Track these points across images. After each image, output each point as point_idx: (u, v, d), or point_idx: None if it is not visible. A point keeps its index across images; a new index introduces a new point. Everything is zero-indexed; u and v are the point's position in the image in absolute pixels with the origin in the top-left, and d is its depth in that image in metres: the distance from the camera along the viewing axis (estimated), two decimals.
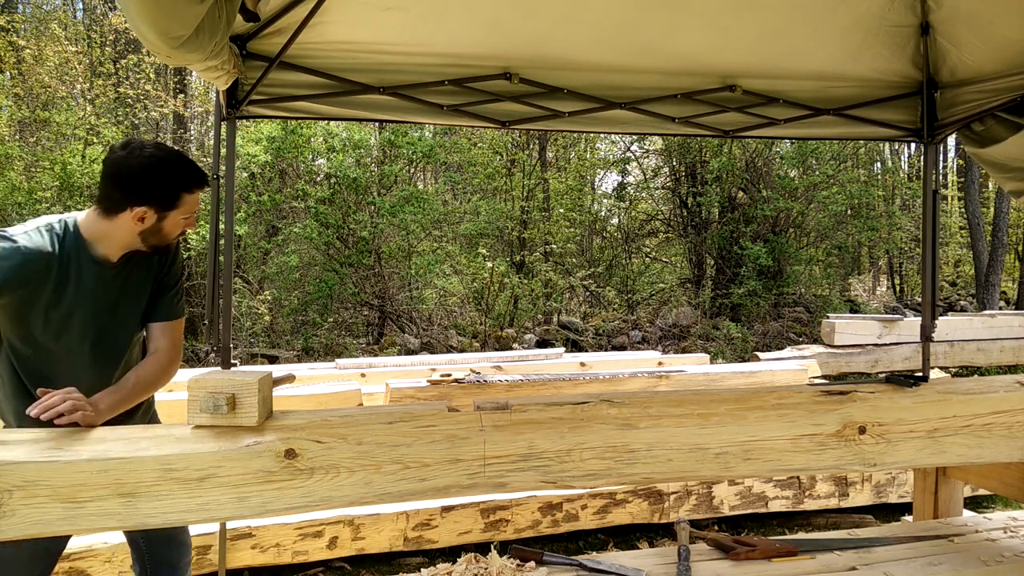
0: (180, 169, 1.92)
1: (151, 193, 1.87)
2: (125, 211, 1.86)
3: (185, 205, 1.94)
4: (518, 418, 1.74)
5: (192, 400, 1.58)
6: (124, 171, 1.84)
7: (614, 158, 12.77)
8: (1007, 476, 2.46)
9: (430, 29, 2.51)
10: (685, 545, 1.99)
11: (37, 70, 9.10)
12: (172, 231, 1.97)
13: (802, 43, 2.74)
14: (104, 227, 1.90)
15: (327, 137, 9.63)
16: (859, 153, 14.21)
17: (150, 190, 1.86)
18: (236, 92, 2.51)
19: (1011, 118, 2.64)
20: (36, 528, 1.45)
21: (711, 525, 3.82)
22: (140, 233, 1.92)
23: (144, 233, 1.92)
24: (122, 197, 1.85)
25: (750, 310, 10.63)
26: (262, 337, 9.50)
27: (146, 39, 1.53)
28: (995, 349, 7.89)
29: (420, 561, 3.41)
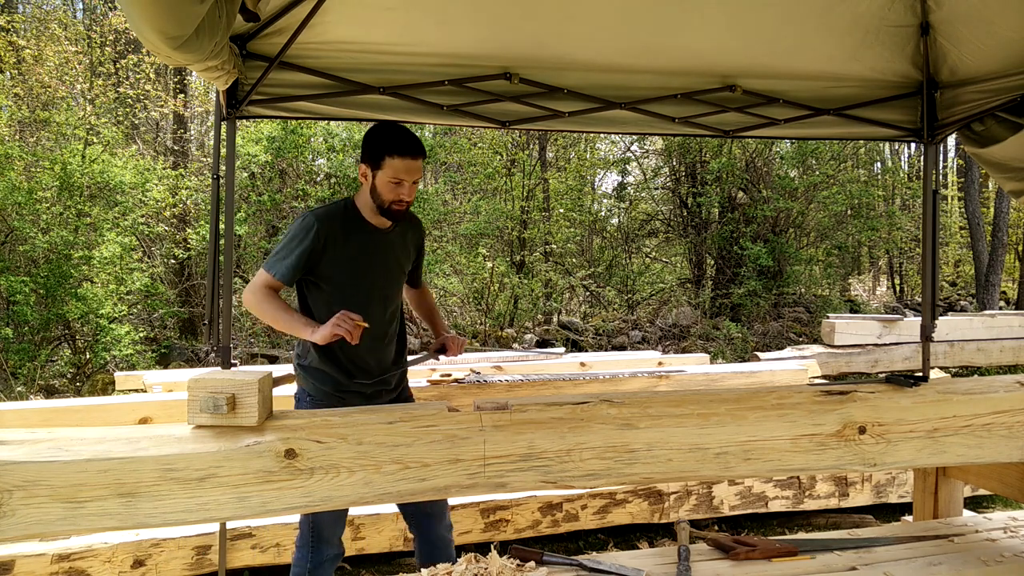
0: (389, 133, 2.25)
1: (367, 152, 2.26)
2: (360, 169, 2.30)
3: (390, 168, 2.21)
4: (518, 418, 1.74)
5: (192, 400, 1.58)
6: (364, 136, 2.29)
7: (614, 158, 12.76)
8: (1007, 476, 2.46)
9: (430, 29, 2.51)
10: (685, 545, 1.99)
11: (37, 70, 9.09)
12: (385, 194, 2.26)
13: (802, 43, 2.74)
14: (363, 194, 2.33)
15: (327, 137, 9.62)
16: (859, 153, 14.21)
17: (366, 149, 2.26)
18: (236, 92, 2.51)
19: (1011, 118, 2.64)
20: (36, 528, 1.45)
21: (711, 525, 3.82)
22: (369, 192, 2.28)
23: (372, 192, 2.27)
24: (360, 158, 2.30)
25: (750, 310, 10.63)
26: (262, 337, 9.50)
27: (146, 39, 1.52)
28: (995, 349, 7.89)
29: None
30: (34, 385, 7.07)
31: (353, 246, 2.32)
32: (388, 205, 2.27)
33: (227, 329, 2.56)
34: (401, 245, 2.46)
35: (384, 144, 2.22)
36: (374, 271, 2.36)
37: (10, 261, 7.82)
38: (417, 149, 2.23)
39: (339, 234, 2.30)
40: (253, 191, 9.46)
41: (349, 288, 2.33)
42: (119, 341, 7.58)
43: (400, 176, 2.22)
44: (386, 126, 2.31)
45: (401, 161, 2.20)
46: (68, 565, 2.81)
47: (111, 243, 7.82)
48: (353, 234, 2.33)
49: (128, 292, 8.37)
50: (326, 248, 2.28)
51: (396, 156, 2.20)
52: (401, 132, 2.26)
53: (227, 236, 2.53)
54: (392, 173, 2.22)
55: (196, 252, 9.16)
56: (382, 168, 2.22)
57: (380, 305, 2.39)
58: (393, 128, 2.29)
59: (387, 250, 2.40)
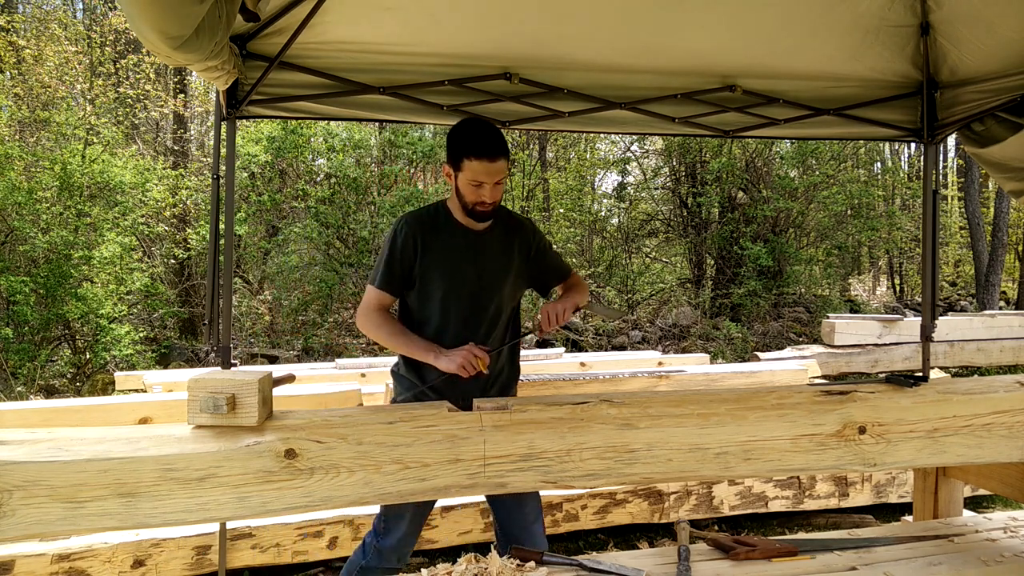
0: (466, 133, 2.16)
1: (448, 152, 2.19)
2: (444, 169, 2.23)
3: (469, 170, 2.13)
4: (518, 418, 1.74)
5: (192, 400, 1.58)
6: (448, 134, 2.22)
7: (614, 158, 12.76)
8: (1007, 476, 2.46)
9: (430, 29, 2.51)
10: (685, 545, 1.99)
11: (37, 70, 9.09)
12: (467, 195, 2.19)
13: (802, 43, 2.74)
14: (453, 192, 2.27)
15: (327, 137, 9.63)
16: (859, 153, 14.21)
17: (448, 149, 2.19)
18: (236, 92, 2.51)
19: (1011, 118, 2.63)
20: (36, 528, 1.45)
21: (711, 525, 3.82)
22: (456, 193, 2.22)
23: (456, 193, 2.22)
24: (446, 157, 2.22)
25: (750, 310, 10.63)
26: (262, 337, 9.50)
27: (146, 39, 1.52)
28: (995, 349, 7.89)
29: (420, 561, 3.40)
30: (34, 385, 7.07)
31: (444, 248, 2.26)
32: (472, 207, 2.20)
33: (227, 329, 2.56)
34: (501, 249, 2.34)
35: (462, 145, 2.14)
36: (466, 274, 2.28)
37: (10, 261, 7.82)
38: (496, 150, 2.13)
39: (430, 236, 2.26)
40: (253, 191, 9.47)
41: (439, 292, 2.27)
42: (119, 341, 7.58)
43: (479, 178, 2.14)
44: (465, 125, 2.21)
45: (479, 163, 2.11)
46: (68, 565, 2.80)
47: (111, 243, 7.82)
48: (444, 236, 2.27)
49: (128, 292, 8.38)
50: (417, 251, 2.25)
51: (474, 158, 2.12)
52: (479, 132, 2.16)
53: (227, 236, 2.53)
54: (471, 175, 2.14)
55: (196, 252, 9.16)
56: (462, 170, 2.15)
57: (473, 311, 2.30)
58: (471, 128, 2.19)
59: (481, 253, 2.30)
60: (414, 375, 2.35)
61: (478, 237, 2.31)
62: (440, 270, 2.26)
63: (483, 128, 2.18)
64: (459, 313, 2.27)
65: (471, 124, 2.21)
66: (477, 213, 2.22)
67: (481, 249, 2.30)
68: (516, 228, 2.41)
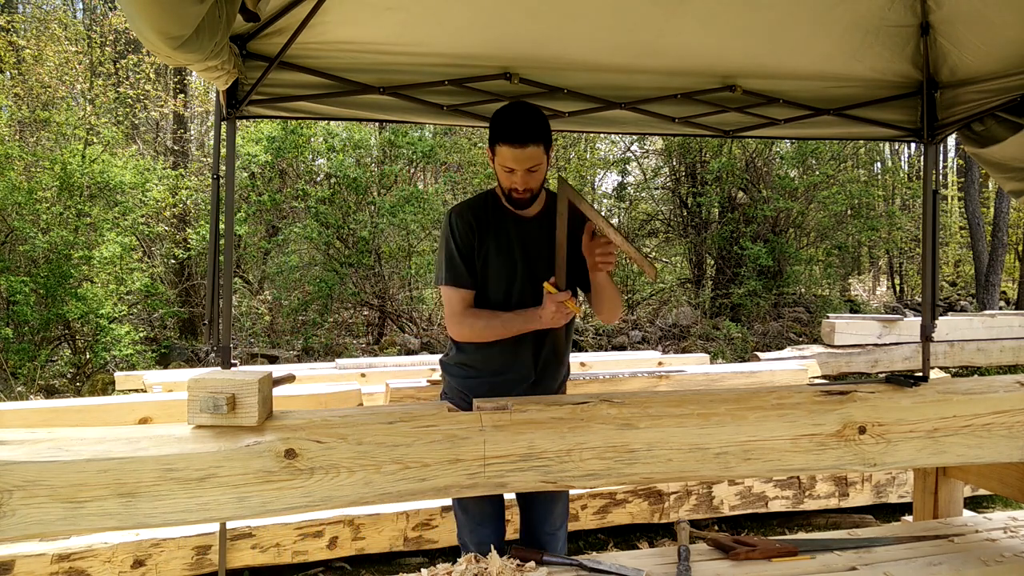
0: (499, 118, 2.09)
1: (490, 136, 2.13)
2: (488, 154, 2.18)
3: (500, 156, 2.08)
4: (518, 418, 1.74)
5: (192, 400, 1.58)
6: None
7: (614, 158, 12.76)
8: (1007, 476, 2.46)
9: (430, 29, 2.51)
10: (685, 545, 1.99)
11: (37, 70, 9.09)
12: (502, 181, 2.15)
13: (802, 43, 2.74)
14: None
15: (327, 137, 9.63)
16: (859, 153, 14.21)
17: (490, 134, 2.13)
18: (236, 92, 2.51)
19: (1011, 118, 2.63)
20: (36, 528, 1.45)
21: (711, 525, 3.82)
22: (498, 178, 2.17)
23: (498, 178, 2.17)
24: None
25: (750, 310, 10.63)
26: (262, 337, 9.50)
27: (146, 39, 1.52)
28: (995, 349, 7.89)
29: (420, 561, 3.41)
30: (34, 385, 7.07)
31: (496, 234, 2.23)
32: (508, 192, 2.16)
33: (227, 329, 2.56)
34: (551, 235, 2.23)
35: (496, 129, 2.08)
36: (518, 261, 2.23)
37: (10, 261, 7.82)
38: (526, 136, 2.03)
39: (482, 222, 2.23)
40: (253, 191, 9.47)
41: (493, 279, 2.23)
42: (119, 341, 7.59)
43: (509, 164, 2.07)
44: (504, 109, 2.11)
45: (509, 149, 2.04)
46: (68, 565, 2.81)
47: (111, 243, 7.82)
48: (493, 223, 2.23)
49: (128, 292, 8.38)
50: (475, 235, 2.21)
51: (504, 144, 2.05)
52: (511, 117, 2.07)
53: (227, 236, 2.53)
54: (502, 160, 2.08)
55: (196, 252, 9.16)
56: (496, 154, 2.10)
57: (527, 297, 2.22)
58: (505, 112, 2.10)
59: (530, 239, 2.24)
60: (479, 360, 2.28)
61: (527, 223, 2.25)
62: (494, 255, 2.23)
63: (518, 113, 2.09)
64: (515, 297, 2.23)
65: (509, 108, 2.12)
66: (513, 200, 2.17)
67: (531, 233, 2.25)
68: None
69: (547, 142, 2.10)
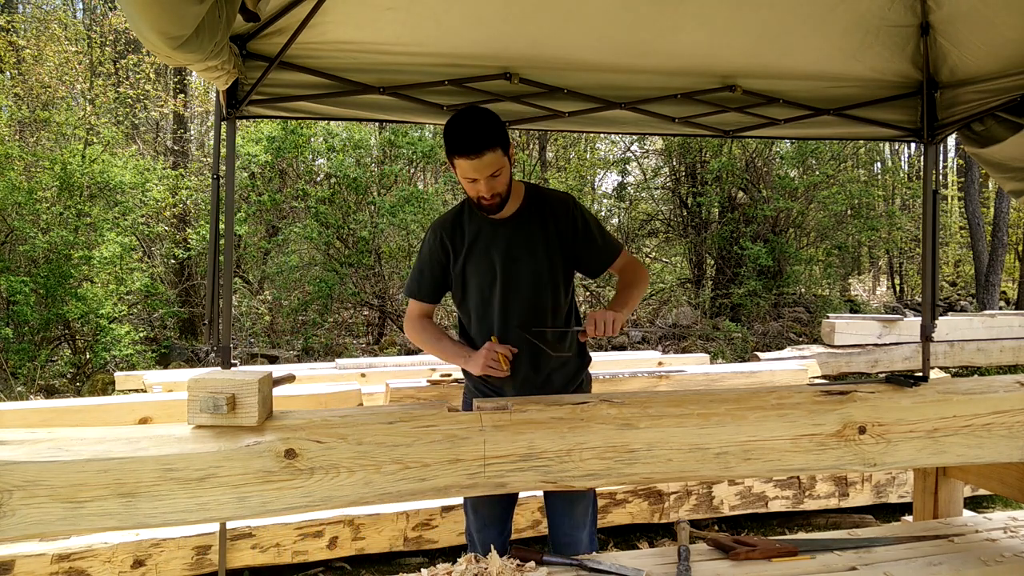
0: (451, 132, 2.05)
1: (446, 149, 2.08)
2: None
3: (459, 168, 2.07)
4: (518, 418, 1.74)
5: (192, 400, 1.58)
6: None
7: (614, 158, 12.76)
8: (1007, 476, 2.46)
9: (430, 29, 2.51)
10: (685, 545, 1.99)
11: (37, 70, 9.09)
12: (469, 190, 2.13)
13: (802, 43, 2.74)
14: None
15: (327, 137, 9.63)
16: (859, 153, 14.21)
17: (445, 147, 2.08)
18: (236, 92, 2.51)
19: (1011, 118, 2.63)
20: (36, 528, 1.45)
21: (711, 525, 3.82)
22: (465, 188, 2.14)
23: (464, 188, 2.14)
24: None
25: (750, 310, 10.63)
26: (262, 337, 9.50)
27: (146, 39, 1.52)
28: (995, 349, 7.89)
29: (420, 561, 3.41)
30: (34, 385, 7.07)
31: (471, 242, 2.25)
32: (476, 201, 2.15)
33: (227, 329, 2.56)
34: (530, 232, 2.23)
35: (448, 143, 2.06)
36: (495, 263, 2.23)
37: (10, 261, 7.82)
38: (479, 144, 2.00)
39: (455, 234, 2.25)
40: (253, 191, 9.47)
41: (473, 285, 2.26)
42: (119, 341, 7.59)
43: (470, 175, 2.06)
44: (450, 122, 2.07)
45: (466, 161, 2.02)
46: (68, 565, 2.81)
47: (111, 243, 7.82)
48: (469, 231, 2.25)
49: (128, 292, 8.38)
50: (448, 252, 2.26)
51: (459, 156, 2.03)
52: (456, 130, 2.04)
53: (227, 236, 2.53)
54: (463, 173, 2.07)
55: (196, 252, 9.16)
56: (455, 167, 2.08)
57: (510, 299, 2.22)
58: (454, 124, 2.06)
59: (507, 239, 2.22)
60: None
61: (503, 224, 2.23)
62: (471, 264, 2.25)
63: (465, 123, 2.04)
64: (497, 303, 2.24)
65: (457, 119, 2.07)
66: (482, 207, 2.16)
67: (507, 235, 2.23)
68: (549, 207, 2.27)
69: (504, 144, 2.07)
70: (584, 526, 2.37)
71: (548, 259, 2.25)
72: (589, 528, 2.38)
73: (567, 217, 2.28)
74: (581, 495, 2.36)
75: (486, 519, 2.36)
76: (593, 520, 2.40)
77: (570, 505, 2.35)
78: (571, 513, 2.35)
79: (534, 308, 2.26)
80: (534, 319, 2.25)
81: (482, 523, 2.36)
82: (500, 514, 2.38)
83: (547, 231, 2.25)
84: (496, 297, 2.24)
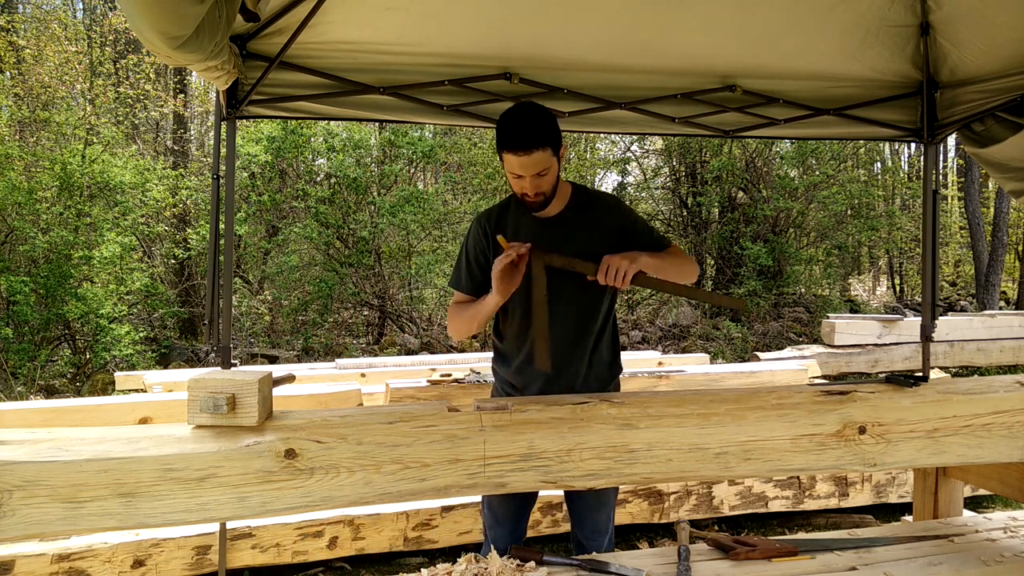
0: (503, 126, 2.03)
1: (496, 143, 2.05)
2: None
3: (507, 163, 2.04)
4: (518, 418, 1.74)
5: (192, 400, 1.58)
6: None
7: (614, 158, 12.76)
8: (1007, 476, 2.46)
9: (430, 29, 2.51)
10: (685, 545, 1.99)
11: (37, 70, 9.09)
12: (514, 186, 2.10)
13: (802, 43, 2.74)
14: None
15: (327, 137, 9.63)
16: (859, 153, 14.21)
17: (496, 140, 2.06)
18: (236, 92, 2.51)
19: (1011, 118, 2.63)
20: (36, 528, 1.45)
21: (711, 525, 3.82)
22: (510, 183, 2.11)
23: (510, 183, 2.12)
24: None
25: (750, 310, 10.63)
26: (262, 337, 9.50)
27: (146, 39, 1.52)
28: (995, 349, 7.89)
29: (420, 561, 3.41)
30: (34, 385, 7.07)
31: (513, 237, 2.16)
32: (521, 197, 2.12)
33: (227, 329, 2.56)
34: (574, 230, 2.19)
35: (499, 137, 2.02)
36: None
37: (10, 261, 7.82)
38: (529, 141, 1.96)
39: (501, 228, 2.21)
40: (253, 191, 9.47)
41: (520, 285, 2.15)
42: (119, 341, 7.59)
43: (516, 171, 2.02)
44: (504, 116, 2.05)
45: (514, 157, 1.99)
46: (68, 565, 2.81)
47: (111, 243, 7.82)
48: (511, 226, 2.21)
49: (128, 292, 8.38)
50: (486, 245, 2.22)
51: (508, 151, 1.99)
52: (509, 124, 2.01)
53: (227, 236, 2.53)
54: (509, 168, 2.04)
55: (196, 252, 9.16)
56: (504, 161, 2.04)
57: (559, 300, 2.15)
58: (508, 118, 2.03)
59: (551, 237, 2.16)
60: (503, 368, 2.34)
61: (545, 223, 2.21)
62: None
63: (518, 119, 2.02)
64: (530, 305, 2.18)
65: (511, 113, 2.05)
66: (526, 204, 2.13)
67: (548, 234, 2.18)
68: (594, 208, 2.25)
69: (555, 144, 2.04)
70: (607, 532, 2.39)
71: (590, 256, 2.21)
72: (610, 534, 2.41)
73: (614, 215, 2.26)
74: (605, 502, 2.37)
75: (499, 516, 2.36)
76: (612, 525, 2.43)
77: (595, 512, 2.36)
78: (595, 519, 2.37)
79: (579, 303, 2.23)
80: (580, 315, 2.23)
81: (494, 520, 2.36)
82: (513, 512, 2.36)
83: (590, 232, 2.22)
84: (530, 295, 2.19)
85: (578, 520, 2.39)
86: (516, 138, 1.98)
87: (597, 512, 2.36)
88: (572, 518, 2.42)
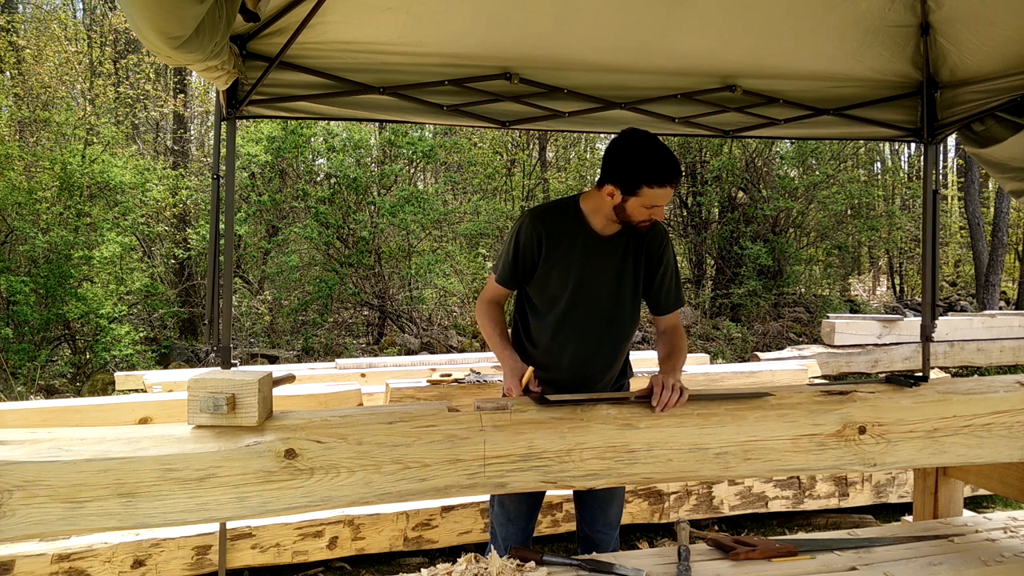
0: (647, 163, 2.02)
1: (618, 176, 2.05)
2: (604, 186, 2.09)
3: (646, 196, 2.03)
4: (518, 418, 1.74)
5: (192, 400, 1.58)
6: (610, 150, 2.09)
7: None
8: (1007, 476, 2.46)
9: (430, 29, 2.51)
10: (685, 545, 1.99)
11: (37, 70, 9.09)
12: (635, 215, 2.10)
13: (802, 43, 2.74)
14: (596, 200, 2.17)
15: (327, 137, 9.62)
16: (859, 153, 14.21)
17: (620, 173, 2.05)
18: (236, 92, 2.51)
19: (1011, 118, 2.63)
20: (36, 528, 1.45)
21: (711, 525, 3.82)
22: (614, 209, 2.12)
23: (617, 210, 2.11)
24: (603, 174, 2.10)
25: (750, 310, 10.63)
26: (262, 337, 9.50)
27: (146, 39, 1.52)
28: (995, 349, 7.89)
29: (420, 561, 3.41)
30: (34, 385, 7.07)
31: (568, 249, 2.20)
32: (636, 223, 2.13)
33: (227, 329, 2.56)
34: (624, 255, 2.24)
35: (643, 173, 2.01)
36: (570, 277, 2.21)
37: (10, 261, 7.82)
38: (677, 174, 2.03)
39: (555, 236, 2.20)
40: (253, 191, 9.46)
41: (558, 290, 2.22)
42: (119, 341, 7.58)
43: (658, 202, 2.04)
44: (644, 150, 2.03)
45: (661, 190, 2.01)
46: (68, 565, 2.81)
47: (111, 243, 7.82)
48: (570, 237, 2.21)
49: (128, 292, 8.38)
50: (542, 249, 2.21)
51: (656, 186, 2.00)
52: (661, 159, 2.01)
53: (227, 236, 2.53)
54: (649, 201, 2.04)
55: (196, 252, 9.16)
56: (638, 195, 2.03)
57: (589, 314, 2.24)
58: (652, 154, 2.02)
59: (606, 257, 2.22)
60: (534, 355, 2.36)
61: (606, 241, 2.22)
62: (561, 270, 2.21)
63: (662, 152, 2.02)
64: (575, 315, 2.24)
65: (653, 148, 2.03)
66: (640, 228, 2.16)
67: (607, 253, 2.23)
68: (647, 235, 2.26)
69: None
70: (616, 526, 2.41)
71: (632, 283, 2.28)
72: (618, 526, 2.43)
73: (659, 250, 2.29)
74: (616, 497, 2.39)
75: (511, 515, 2.37)
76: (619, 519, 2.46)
77: (606, 505, 2.38)
78: (606, 513, 2.39)
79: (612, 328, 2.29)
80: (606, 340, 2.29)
81: (507, 518, 2.37)
82: (525, 511, 2.38)
83: (638, 258, 2.26)
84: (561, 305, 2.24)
85: (588, 515, 2.40)
86: (672, 171, 2.02)
87: (608, 505, 2.38)
88: (581, 514, 2.43)
